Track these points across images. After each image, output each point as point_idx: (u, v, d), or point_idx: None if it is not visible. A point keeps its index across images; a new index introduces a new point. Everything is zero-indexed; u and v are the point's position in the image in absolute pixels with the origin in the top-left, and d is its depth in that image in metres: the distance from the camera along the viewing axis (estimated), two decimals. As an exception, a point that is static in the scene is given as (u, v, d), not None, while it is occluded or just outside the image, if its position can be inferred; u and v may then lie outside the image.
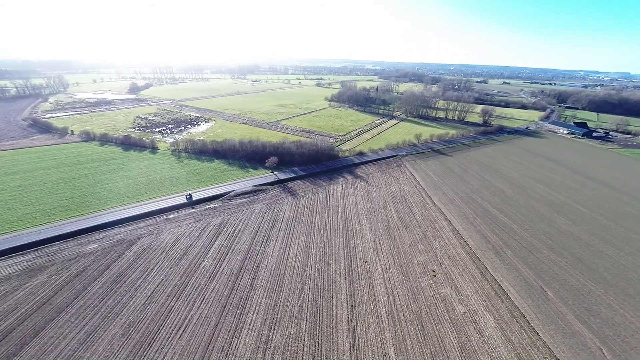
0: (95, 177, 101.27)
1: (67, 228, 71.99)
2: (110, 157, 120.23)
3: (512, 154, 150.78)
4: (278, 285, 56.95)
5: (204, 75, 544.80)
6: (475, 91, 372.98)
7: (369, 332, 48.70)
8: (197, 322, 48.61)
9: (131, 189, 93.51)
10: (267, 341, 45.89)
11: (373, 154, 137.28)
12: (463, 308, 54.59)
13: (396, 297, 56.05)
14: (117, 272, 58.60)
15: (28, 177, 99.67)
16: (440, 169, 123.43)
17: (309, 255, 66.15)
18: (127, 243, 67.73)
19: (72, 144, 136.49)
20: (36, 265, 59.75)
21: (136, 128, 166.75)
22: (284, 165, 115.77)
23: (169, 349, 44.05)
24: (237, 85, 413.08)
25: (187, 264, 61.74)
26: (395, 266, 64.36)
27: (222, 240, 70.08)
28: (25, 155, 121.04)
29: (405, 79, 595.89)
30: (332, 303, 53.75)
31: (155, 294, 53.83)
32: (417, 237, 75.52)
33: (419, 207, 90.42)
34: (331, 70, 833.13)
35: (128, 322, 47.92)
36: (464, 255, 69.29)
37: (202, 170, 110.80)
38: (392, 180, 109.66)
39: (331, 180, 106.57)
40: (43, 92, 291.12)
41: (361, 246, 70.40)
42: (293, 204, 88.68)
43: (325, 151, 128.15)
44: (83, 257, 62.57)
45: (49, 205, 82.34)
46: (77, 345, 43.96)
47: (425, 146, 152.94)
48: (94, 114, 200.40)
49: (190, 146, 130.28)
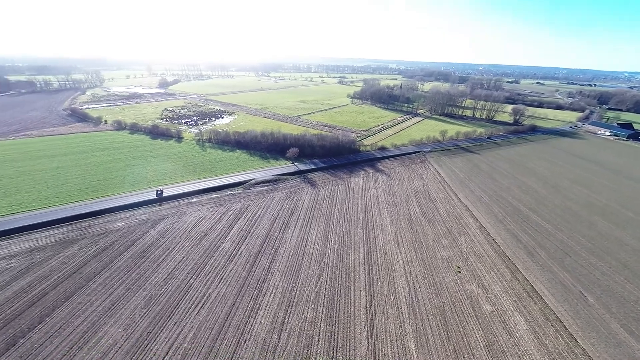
0: (124, 162, 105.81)
1: (98, 206, 75.44)
2: (138, 145, 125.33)
3: (546, 153, 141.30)
4: (295, 271, 56.18)
5: (229, 72, 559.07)
6: (505, 90, 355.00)
7: (387, 323, 46.70)
8: (215, 300, 48.84)
9: (157, 173, 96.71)
10: (282, 323, 45.18)
11: (395, 149, 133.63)
12: (491, 307, 51.12)
13: (418, 291, 53.53)
14: (142, 249, 60.40)
15: (65, 159, 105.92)
16: (467, 166, 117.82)
17: (327, 243, 64.91)
18: (151, 222, 69.79)
19: (105, 132, 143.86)
20: (69, 238, 62.88)
21: (164, 119, 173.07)
22: (304, 156, 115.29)
23: (187, 322, 44.48)
24: (260, 82, 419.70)
25: (207, 245, 62.53)
26: (417, 260, 61.64)
27: (241, 224, 70.47)
28: (63, 140, 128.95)
29: (430, 77, 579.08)
30: (350, 292, 52.19)
31: (175, 270, 54.83)
32: (441, 232, 72.11)
33: (443, 203, 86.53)
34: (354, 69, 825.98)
35: (150, 295, 49.04)
36: (492, 253, 65.21)
37: (224, 159, 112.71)
38: (415, 175, 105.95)
39: (352, 173, 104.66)
40: (82, 86, 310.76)
41: (381, 238, 68.18)
42: (312, 194, 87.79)
43: (347, 145, 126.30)
44: (111, 233, 65.14)
45: (82, 185, 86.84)
46: (103, 312, 45.49)
47: (450, 143, 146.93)
48: (125, 106, 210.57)
49: (213, 136, 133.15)
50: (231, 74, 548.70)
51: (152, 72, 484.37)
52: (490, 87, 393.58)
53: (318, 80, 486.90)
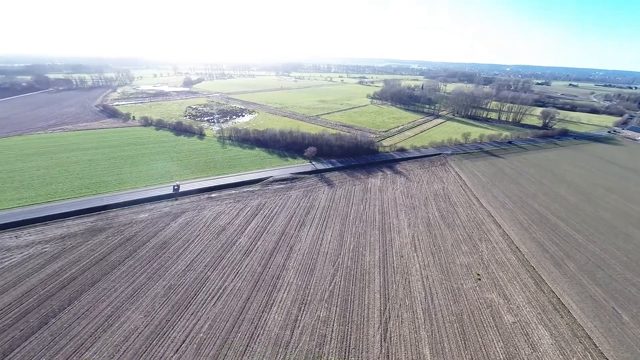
0: (150, 156, 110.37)
1: (124, 198, 79.13)
2: (163, 141, 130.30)
3: (578, 159, 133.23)
4: (310, 269, 56.23)
5: (251, 72, 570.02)
6: (534, 92, 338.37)
7: (402, 327, 45.70)
8: (231, 293, 49.81)
9: (180, 168, 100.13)
10: (296, 320, 45.35)
11: (415, 151, 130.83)
12: (512, 318, 48.80)
13: (434, 296, 52.02)
14: (163, 240, 62.71)
15: (96, 152, 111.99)
16: (490, 170, 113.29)
17: (342, 243, 64.52)
18: (173, 215, 72.30)
19: (133, 127, 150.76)
20: (97, 227, 66.38)
21: (187, 116, 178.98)
22: (322, 156, 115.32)
23: (203, 313, 45.67)
24: (280, 81, 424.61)
25: (224, 239, 63.94)
26: (435, 265, 59.94)
27: (258, 221, 71.49)
28: (95, 135, 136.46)
29: (454, 78, 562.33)
30: (364, 293, 51.57)
31: (194, 263, 56.45)
32: (460, 237, 69.75)
33: (464, 208, 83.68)
34: (374, 69, 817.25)
35: (169, 285, 50.79)
36: (515, 262, 62.26)
37: (243, 156, 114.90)
38: (435, 178, 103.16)
39: (369, 174, 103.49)
40: (113, 83, 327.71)
41: (398, 240, 66.89)
42: (329, 193, 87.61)
43: (365, 145, 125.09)
44: (135, 224, 68.10)
45: (110, 177, 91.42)
46: (125, 299, 47.64)
47: (473, 146, 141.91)
48: (152, 103, 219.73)
49: (234, 134, 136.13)
50: (252, 73, 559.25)
51: (177, 72, 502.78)
52: (518, 89, 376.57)
53: (338, 80, 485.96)
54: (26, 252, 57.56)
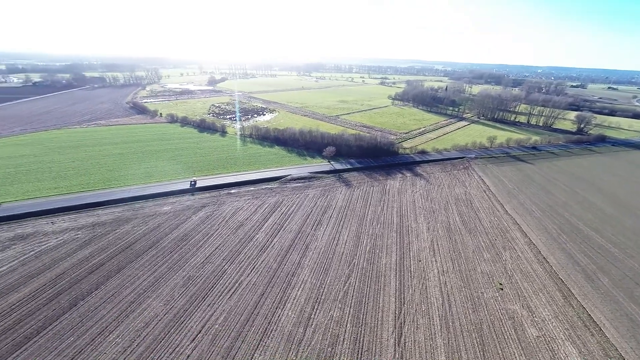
0: (174, 152, 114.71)
1: (149, 190, 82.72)
2: (187, 137, 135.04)
3: (617, 167, 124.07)
4: (325, 268, 56.09)
5: (272, 71, 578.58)
6: (568, 96, 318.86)
7: (417, 333, 44.49)
8: (246, 287, 50.67)
9: (202, 164, 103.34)
10: (309, 318, 45.36)
11: (437, 153, 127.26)
12: (537, 331, 46.18)
13: (452, 303, 50.25)
14: (184, 232, 64.92)
15: (126, 147, 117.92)
16: (517, 176, 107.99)
17: (359, 244, 63.86)
18: (194, 209, 74.68)
19: (160, 124, 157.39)
20: (124, 217, 69.83)
21: (210, 114, 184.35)
22: (341, 156, 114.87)
23: (219, 305, 46.77)
24: (301, 81, 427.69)
25: (242, 234, 65.20)
26: (454, 271, 57.92)
27: (275, 218, 72.29)
28: (125, 130, 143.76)
29: (480, 80, 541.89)
30: (379, 295, 50.73)
31: (212, 256, 57.98)
32: (482, 244, 66.98)
33: (486, 213, 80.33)
34: (397, 70, 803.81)
35: (188, 276, 52.47)
36: (542, 273, 58.91)
37: (263, 154, 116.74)
38: (457, 182, 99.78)
39: (388, 175, 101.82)
40: (142, 82, 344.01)
41: (416, 244, 65.27)
42: (347, 193, 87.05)
43: (385, 146, 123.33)
44: (159, 216, 70.99)
45: (137, 170, 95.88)
46: (147, 286, 49.75)
47: (499, 150, 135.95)
48: (178, 101, 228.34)
49: (254, 132, 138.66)
50: (274, 73, 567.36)
51: (202, 71, 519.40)
52: (550, 92, 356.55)
53: (359, 80, 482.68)
54: (60, 237, 61.55)
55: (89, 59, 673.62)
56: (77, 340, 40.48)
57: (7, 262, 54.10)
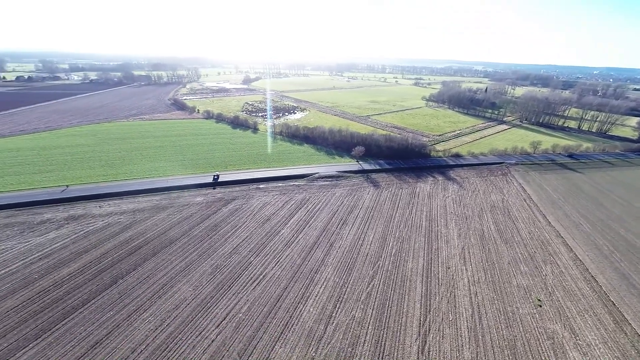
0: (209, 146, 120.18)
1: (185, 181, 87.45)
2: (221, 133, 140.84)
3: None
4: (349, 268, 55.46)
5: (305, 71, 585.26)
6: (630, 99, 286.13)
7: (443, 342, 42.35)
8: (270, 280, 51.61)
9: (234, 159, 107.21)
10: (330, 317, 45.08)
11: (472, 157, 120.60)
12: (580, 356, 41.89)
13: (483, 316, 47.20)
14: (214, 223, 67.73)
15: (165, 140, 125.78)
16: (564, 185, 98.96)
17: (384, 246, 62.33)
18: (224, 201, 77.64)
19: (196, 119, 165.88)
20: (161, 205, 74.49)
21: (244, 111, 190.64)
22: (370, 156, 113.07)
23: (243, 295, 48.10)
24: (333, 81, 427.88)
25: (268, 228, 66.57)
26: (487, 282, 54.40)
27: (301, 214, 72.90)
28: (166, 124, 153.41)
29: (524, 81, 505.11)
30: (403, 300, 49.08)
31: (239, 247, 59.83)
32: (519, 256, 62.22)
33: (526, 224, 74.53)
34: (432, 70, 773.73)
35: (216, 264, 54.62)
36: (589, 293, 53.36)
37: (292, 151, 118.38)
38: (494, 188, 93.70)
39: (418, 178, 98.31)
40: (183, 80, 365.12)
41: (445, 251, 62.28)
42: (374, 194, 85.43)
43: (416, 148, 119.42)
44: (192, 206, 74.75)
45: (175, 162, 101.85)
46: (178, 271, 52.58)
47: (544, 157, 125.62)
48: (214, 99, 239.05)
49: (285, 130, 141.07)
50: (306, 72, 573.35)
51: (238, 70, 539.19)
52: (607, 95, 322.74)
53: (392, 81, 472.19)
54: (106, 220, 67.13)
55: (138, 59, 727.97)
56: (115, 315, 43.83)
57: (61, 239, 60.10)
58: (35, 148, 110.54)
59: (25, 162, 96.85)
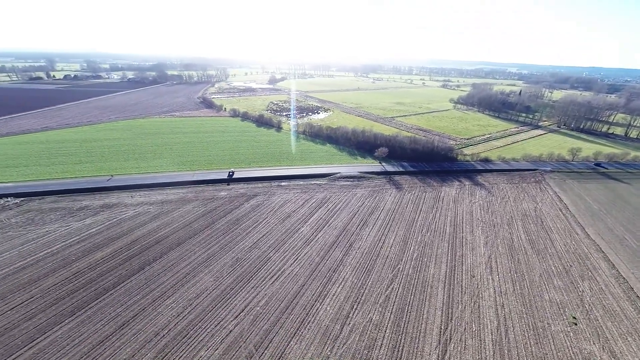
0: (234, 143, 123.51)
1: (210, 176, 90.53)
2: (246, 130, 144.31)
3: None
4: (367, 269, 54.49)
5: (330, 72, 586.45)
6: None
7: (465, 354, 40.33)
8: (288, 276, 51.90)
9: (257, 156, 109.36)
10: (347, 317, 44.47)
11: (502, 162, 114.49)
12: (620, 381, 38.18)
13: (510, 330, 44.42)
14: (236, 217, 69.36)
15: (193, 136, 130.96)
16: (606, 195, 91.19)
17: (405, 250, 60.64)
18: (246, 197, 79.30)
19: (223, 117, 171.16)
20: (187, 197, 77.49)
21: (268, 111, 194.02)
22: (393, 158, 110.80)
23: (261, 289, 48.73)
24: (358, 82, 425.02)
25: (288, 225, 67.09)
26: (515, 294, 51.21)
27: (321, 213, 72.77)
28: (194, 121, 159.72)
29: (564, 85, 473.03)
30: (423, 306, 47.38)
31: (259, 242, 60.78)
32: (553, 269, 58.02)
33: (561, 235, 69.43)
34: (462, 72, 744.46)
35: (236, 258, 55.84)
36: (633, 314, 48.62)
37: (314, 150, 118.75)
38: (526, 196, 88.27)
39: (444, 182, 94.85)
40: (212, 80, 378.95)
41: (470, 258, 59.45)
42: (396, 196, 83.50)
43: (442, 151, 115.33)
44: (216, 200, 77.08)
45: (201, 157, 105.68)
46: (200, 262, 54.33)
47: (584, 165, 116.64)
48: (240, 98, 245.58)
49: (308, 129, 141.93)
50: (331, 73, 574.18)
51: (265, 70, 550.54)
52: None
53: (418, 82, 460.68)
54: (137, 209, 70.88)
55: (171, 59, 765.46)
56: (141, 299, 46.05)
57: (96, 225, 64.24)
58: (78, 140, 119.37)
59: (68, 153, 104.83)
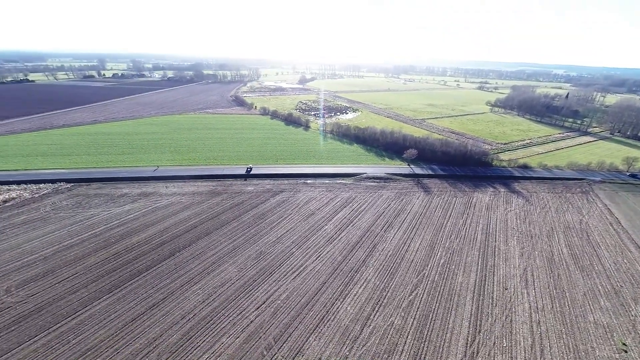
0: (262, 140, 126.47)
1: (239, 171, 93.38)
2: (275, 128, 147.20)
3: None
4: (391, 272, 53.00)
5: (360, 73, 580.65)
6: None
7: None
8: (310, 273, 51.93)
9: (285, 153, 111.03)
10: (367, 318, 43.51)
11: (544, 170, 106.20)
12: (679, 421, 33.58)
13: (546, 350, 40.88)
14: (262, 212, 70.81)
15: (225, 133, 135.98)
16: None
17: (432, 255, 58.20)
18: (272, 193, 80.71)
19: (254, 115, 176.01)
20: (216, 190, 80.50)
21: (297, 110, 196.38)
22: (422, 160, 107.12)
23: (283, 284, 49.20)
24: (388, 83, 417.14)
25: (312, 222, 67.23)
26: (553, 311, 47.08)
27: (345, 213, 72.10)
28: (226, 118, 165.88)
29: (619, 88, 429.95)
30: (449, 315, 45.08)
31: (283, 237, 61.50)
32: (599, 288, 52.61)
33: (610, 252, 62.81)
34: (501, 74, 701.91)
35: (260, 251, 56.92)
36: (697, 346, 42.59)
37: (341, 150, 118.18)
38: (570, 207, 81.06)
39: (476, 188, 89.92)
40: (245, 79, 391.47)
41: (503, 269, 55.67)
42: (424, 200, 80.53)
43: (476, 155, 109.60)
44: (244, 194, 79.27)
45: (232, 153, 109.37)
46: (226, 252, 56.09)
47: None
48: (271, 97, 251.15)
49: (335, 129, 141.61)
50: (361, 74, 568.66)
51: (295, 71, 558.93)
52: None
53: (453, 84, 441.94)
54: (170, 199, 74.87)
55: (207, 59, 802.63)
56: (170, 284, 48.45)
57: (134, 211, 68.77)
58: (122, 133, 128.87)
59: (113, 144, 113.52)
